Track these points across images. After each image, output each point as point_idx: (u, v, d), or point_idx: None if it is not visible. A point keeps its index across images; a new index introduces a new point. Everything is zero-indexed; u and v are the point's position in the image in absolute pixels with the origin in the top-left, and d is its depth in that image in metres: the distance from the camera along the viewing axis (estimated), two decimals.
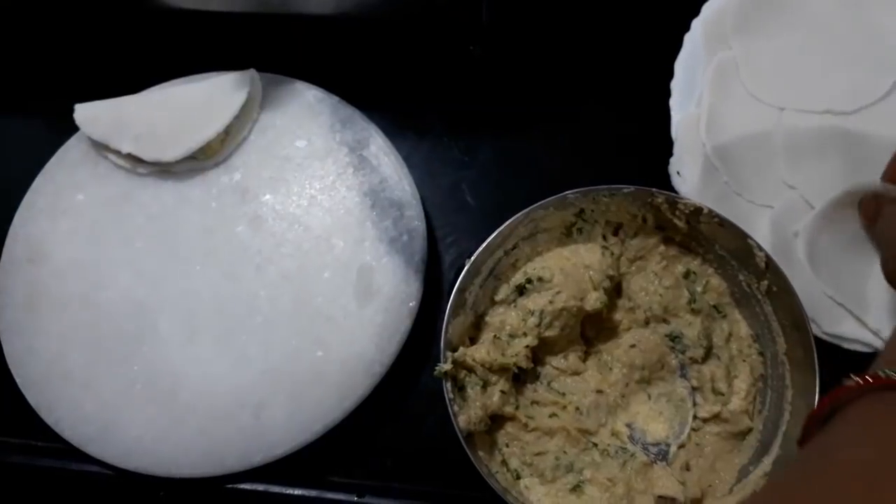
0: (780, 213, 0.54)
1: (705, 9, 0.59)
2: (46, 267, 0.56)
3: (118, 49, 0.63)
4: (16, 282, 0.55)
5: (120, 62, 0.63)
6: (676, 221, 0.50)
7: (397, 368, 0.52)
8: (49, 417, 0.52)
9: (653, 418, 0.49)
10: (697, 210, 0.48)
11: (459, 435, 0.45)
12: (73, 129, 0.58)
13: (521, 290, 0.51)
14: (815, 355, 0.45)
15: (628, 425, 0.49)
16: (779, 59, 0.58)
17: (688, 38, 0.59)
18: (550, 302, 0.50)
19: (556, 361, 0.51)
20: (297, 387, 0.51)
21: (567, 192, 0.49)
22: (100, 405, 0.52)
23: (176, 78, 0.59)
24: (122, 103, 0.58)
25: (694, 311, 0.51)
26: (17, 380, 0.52)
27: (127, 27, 0.62)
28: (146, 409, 0.51)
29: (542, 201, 0.49)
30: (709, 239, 0.50)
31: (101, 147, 0.58)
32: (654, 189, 0.49)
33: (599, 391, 0.50)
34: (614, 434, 0.49)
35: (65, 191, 0.58)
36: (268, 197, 0.56)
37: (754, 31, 0.59)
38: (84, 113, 0.58)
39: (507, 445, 0.49)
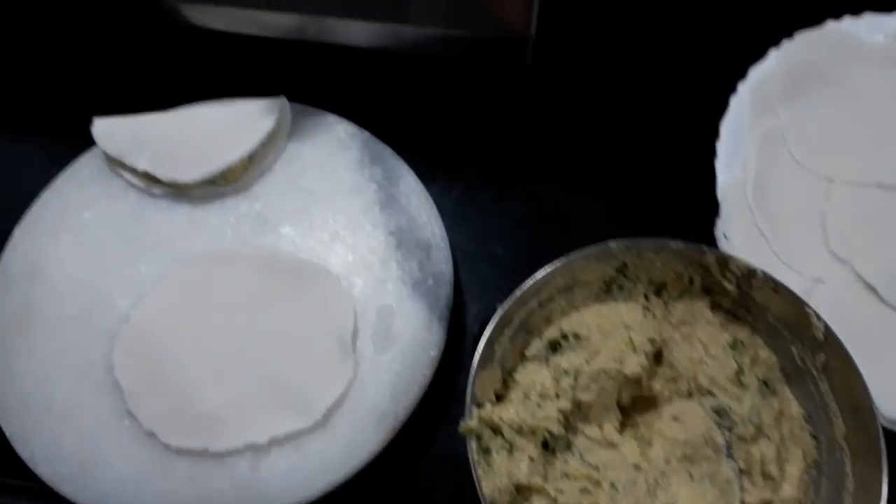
0: (832, 288, 0.51)
1: (752, 73, 0.58)
2: (42, 285, 0.52)
3: (146, 69, 0.61)
4: (8, 298, 0.51)
5: (147, 82, 0.61)
6: (726, 284, 0.46)
7: (411, 427, 0.47)
8: (23, 450, 0.47)
9: (695, 501, 0.44)
10: (750, 273, 0.45)
11: (483, 501, 0.40)
12: (90, 146, 0.56)
13: (554, 347, 0.47)
14: (882, 442, 0.40)
15: None
16: (827, 130, 0.57)
17: (734, 101, 0.57)
18: (587, 362, 0.46)
19: (590, 430, 0.46)
20: (301, 436, 0.46)
21: (610, 241, 0.46)
22: (80, 440, 0.47)
23: (203, 101, 0.57)
24: (143, 120, 0.55)
25: (742, 385, 0.47)
26: None
27: (157, 47, 0.60)
28: (131, 449, 0.46)
29: (583, 249, 0.46)
30: (760, 306, 0.47)
31: (115, 164, 0.55)
32: (704, 246, 0.46)
33: (637, 467, 0.45)
34: None
35: (71, 207, 0.54)
36: (287, 229, 0.53)
37: (801, 100, 0.57)
38: (102, 127, 0.55)
39: None
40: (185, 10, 0.56)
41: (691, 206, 0.55)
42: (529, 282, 0.45)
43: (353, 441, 0.46)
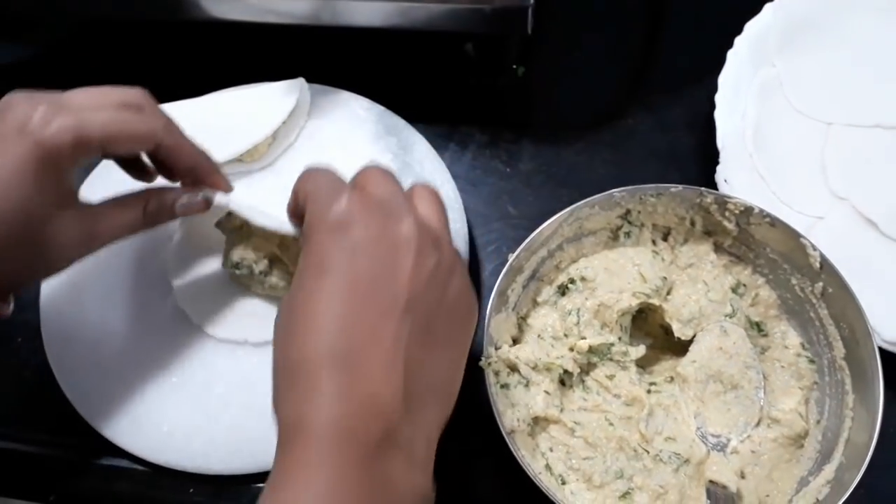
0: (831, 224, 0.53)
1: (748, 27, 0.60)
2: (90, 259, 0.56)
3: (172, 62, 0.66)
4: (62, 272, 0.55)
5: (175, 73, 0.65)
6: (726, 223, 0.49)
7: None
8: (82, 408, 0.51)
9: (718, 410, 0.47)
10: (748, 210, 0.47)
11: (503, 430, 0.43)
12: None
13: (563, 291, 0.50)
14: (878, 358, 0.42)
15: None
16: (823, 76, 0.59)
17: (731, 55, 0.59)
18: (587, 299, 0.49)
19: (605, 368, 0.49)
20: None
21: (613, 190, 0.49)
22: (134, 397, 0.51)
23: (228, 87, 0.61)
24: (174, 107, 0.59)
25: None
26: (53, 367, 0.52)
27: (182, 39, 0.64)
28: (179, 403, 0.50)
29: (587, 199, 0.49)
30: (759, 242, 0.49)
31: None
32: (702, 188, 0.48)
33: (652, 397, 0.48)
34: (669, 439, 0.46)
35: (111, 187, 0.58)
36: None
37: (797, 50, 0.59)
38: None
39: (552, 450, 0.46)
40: (204, 3, 0.60)
41: (694, 159, 0.57)
42: (538, 230, 0.48)
43: None
